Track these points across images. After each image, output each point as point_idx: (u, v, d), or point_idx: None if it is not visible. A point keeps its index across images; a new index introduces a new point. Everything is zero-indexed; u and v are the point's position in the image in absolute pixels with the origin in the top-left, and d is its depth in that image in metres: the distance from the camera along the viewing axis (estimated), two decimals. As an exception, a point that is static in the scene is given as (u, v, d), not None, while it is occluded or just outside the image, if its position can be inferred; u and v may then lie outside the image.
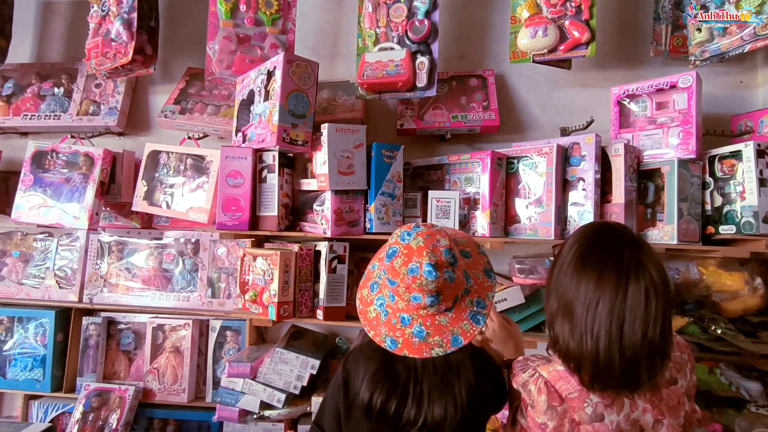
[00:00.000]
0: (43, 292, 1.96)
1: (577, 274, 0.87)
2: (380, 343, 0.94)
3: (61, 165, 1.87)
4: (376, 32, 1.68)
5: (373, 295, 0.99)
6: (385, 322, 0.94)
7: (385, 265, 0.92)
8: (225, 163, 1.59)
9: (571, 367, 0.87)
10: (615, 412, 0.86)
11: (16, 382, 1.91)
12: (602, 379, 0.84)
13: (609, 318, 0.81)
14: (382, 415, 0.94)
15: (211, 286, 1.87)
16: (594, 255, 0.87)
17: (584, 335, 0.83)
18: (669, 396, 0.89)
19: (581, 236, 0.92)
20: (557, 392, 0.88)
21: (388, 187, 1.54)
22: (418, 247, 0.90)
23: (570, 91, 1.82)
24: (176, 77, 2.00)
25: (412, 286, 0.88)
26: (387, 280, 0.92)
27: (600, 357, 0.82)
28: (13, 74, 2.08)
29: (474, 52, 1.89)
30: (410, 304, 0.91)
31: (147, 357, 1.87)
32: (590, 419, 0.86)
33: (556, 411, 0.88)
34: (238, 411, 1.60)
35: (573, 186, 1.50)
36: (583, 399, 0.87)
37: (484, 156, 1.52)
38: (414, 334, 0.92)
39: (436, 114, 1.76)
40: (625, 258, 0.84)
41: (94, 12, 1.84)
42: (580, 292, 0.85)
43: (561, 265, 0.91)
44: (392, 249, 0.92)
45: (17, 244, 2.04)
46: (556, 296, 0.90)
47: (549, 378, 0.90)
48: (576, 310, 0.85)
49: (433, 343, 0.92)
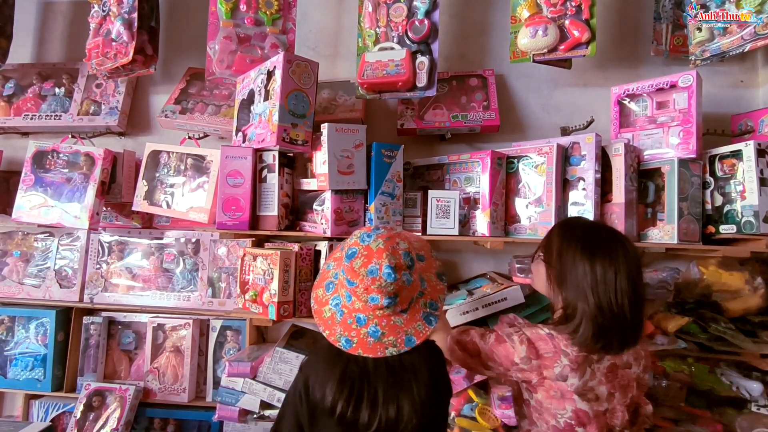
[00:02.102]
0: (43, 291, 1.96)
1: (589, 261, 1.01)
2: (335, 343, 0.95)
3: (61, 165, 1.87)
4: (376, 32, 1.68)
5: (329, 295, 1.01)
6: (340, 321, 0.96)
7: (344, 266, 0.93)
8: (225, 162, 1.59)
9: (596, 338, 1.00)
10: (577, 377, 1.01)
11: (17, 381, 1.91)
12: (631, 336, 1.01)
13: (628, 284, 0.98)
14: (347, 419, 0.93)
15: (212, 285, 1.87)
16: (595, 241, 1.04)
17: (612, 307, 0.98)
18: (622, 376, 1.05)
19: (566, 234, 1.09)
20: (536, 349, 1.04)
21: (388, 187, 1.54)
22: (378, 249, 0.93)
23: (570, 90, 1.82)
24: (177, 77, 2.00)
25: (371, 287, 0.91)
26: (346, 280, 0.93)
27: (627, 319, 0.98)
28: (14, 74, 2.08)
29: (474, 52, 1.89)
30: (367, 305, 0.93)
31: (147, 357, 1.87)
32: (555, 377, 1.02)
33: (530, 362, 1.04)
34: (239, 410, 1.60)
35: (573, 186, 1.50)
36: (554, 360, 1.02)
37: (484, 156, 1.52)
38: (369, 334, 0.94)
39: (436, 114, 1.76)
40: (614, 234, 1.07)
41: (95, 12, 1.85)
42: (597, 274, 0.99)
43: (563, 262, 1.05)
44: (352, 250, 0.94)
45: (18, 243, 2.04)
46: (570, 287, 1.03)
47: (531, 337, 1.06)
48: (598, 289, 0.99)
49: (387, 342, 0.94)
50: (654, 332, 1.48)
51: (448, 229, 1.52)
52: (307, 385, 0.98)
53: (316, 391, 0.95)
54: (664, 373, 1.48)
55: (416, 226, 1.58)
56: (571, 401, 1.02)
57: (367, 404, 0.92)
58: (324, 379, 0.95)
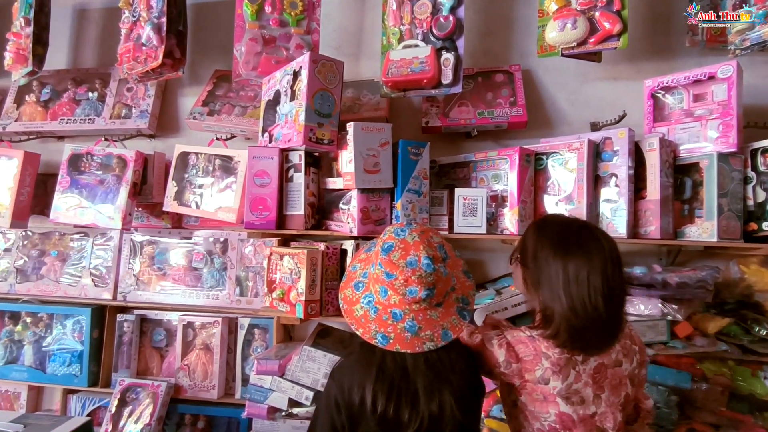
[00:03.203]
0: (79, 290, 2.03)
1: (561, 261, 0.97)
2: (370, 340, 0.94)
3: (95, 167, 1.93)
4: (400, 30, 1.67)
5: (359, 294, 1.00)
6: (374, 318, 0.96)
7: (382, 259, 0.94)
8: (252, 163, 1.61)
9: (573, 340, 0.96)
10: (560, 380, 0.97)
11: (55, 376, 1.98)
12: (608, 335, 0.98)
13: (602, 284, 0.93)
14: (389, 418, 0.92)
15: (239, 284, 1.90)
16: (567, 239, 0.99)
17: (586, 308, 0.93)
18: (612, 375, 1.01)
19: (541, 233, 1.04)
20: (516, 353, 1.01)
21: (414, 185, 1.53)
22: (414, 242, 0.95)
23: (600, 84, 1.77)
24: (204, 79, 2.04)
25: (411, 278, 0.92)
26: (384, 273, 0.93)
27: (603, 318, 0.94)
28: (51, 80, 2.16)
29: (500, 48, 1.86)
30: (405, 298, 0.93)
31: (178, 354, 1.91)
32: (536, 381, 0.99)
33: (510, 365, 1.01)
34: (267, 408, 1.61)
35: (605, 182, 1.46)
36: (535, 363, 0.99)
37: (511, 152, 1.49)
38: (406, 329, 0.94)
39: (461, 111, 1.74)
40: (588, 230, 1.01)
41: (126, 18, 1.89)
42: (570, 273, 0.95)
43: (538, 263, 1.01)
44: (388, 244, 0.95)
45: (55, 243, 2.12)
46: (545, 289, 0.99)
47: (511, 341, 1.03)
48: (571, 290, 0.94)
49: (424, 337, 0.94)
50: (693, 334, 1.42)
51: (475, 228, 1.50)
52: (342, 390, 0.96)
53: (353, 394, 0.94)
54: (704, 376, 1.42)
55: (443, 224, 1.57)
56: (555, 404, 0.99)
57: (408, 401, 0.92)
58: (361, 381, 0.94)
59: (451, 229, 1.55)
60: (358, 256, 1.09)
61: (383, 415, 0.91)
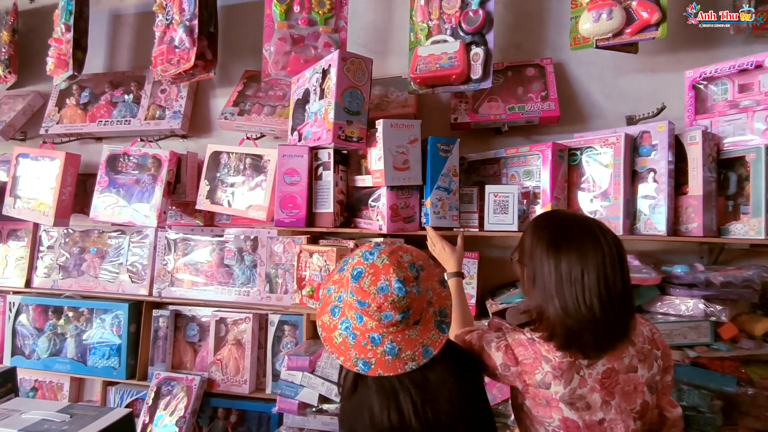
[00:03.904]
0: (117, 286, 2.10)
1: (554, 259, 0.92)
2: (351, 368, 0.92)
3: (132, 167, 1.99)
4: (428, 25, 1.66)
5: (336, 320, 0.97)
6: (354, 345, 0.93)
7: (352, 287, 0.91)
8: (282, 161, 1.63)
9: (568, 343, 0.91)
10: (561, 384, 0.93)
11: (95, 369, 2.07)
12: (605, 340, 0.91)
13: (597, 283, 0.88)
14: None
15: (269, 281, 1.93)
16: (562, 236, 0.94)
17: (578, 309, 0.88)
18: (625, 381, 0.94)
19: (537, 229, 0.99)
20: (515, 356, 0.98)
21: (443, 182, 1.51)
22: (384, 265, 0.91)
23: (637, 76, 1.71)
24: (234, 80, 2.07)
25: (384, 304, 0.88)
26: (356, 301, 0.90)
27: (598, 321, 0.88)
28: (89, 84, 2.24)
29: (531, 41, 1.82)
30: (381, 323, 0.90)
31: (211, 349, 1.96)
32: (537, 385, 0.95)
33: (509, 369, 0.98)
34: (298, 403, 1.63)
35: (643, 178, 1.41)
36: (535, 366, 0.95)
37: (544, 148, 1.46)
38: (386, 352, 0.91)
39: (491, 106, 1.71)
40: (589, 227, 0.94)
41: (159, 21, 1.94)
42: (562, 272, 0.90)
43: (533, 262, 0.96)
44: (357, 270, 0.92)
45: (94, 241, 2.20)
46: (539, 289, 0.94)
47: (511, 343, 0.99)
48: (563, 290, 0.90)
49: (406, 357, 0.92)
50: (738, 336, 1.36)
51: (506, 225, 1.47)
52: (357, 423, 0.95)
53: (375, 422, 0.92)
54: (750, 380, 1.36)
55: (473, 222, 1.55)
56: (558, 410, 0.94)
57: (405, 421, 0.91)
58: (369, 412, 0.93)
59: (482, 227, 1.53)
60: (332, 277, 1.05)
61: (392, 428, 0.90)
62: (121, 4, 2.32)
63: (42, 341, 2.15)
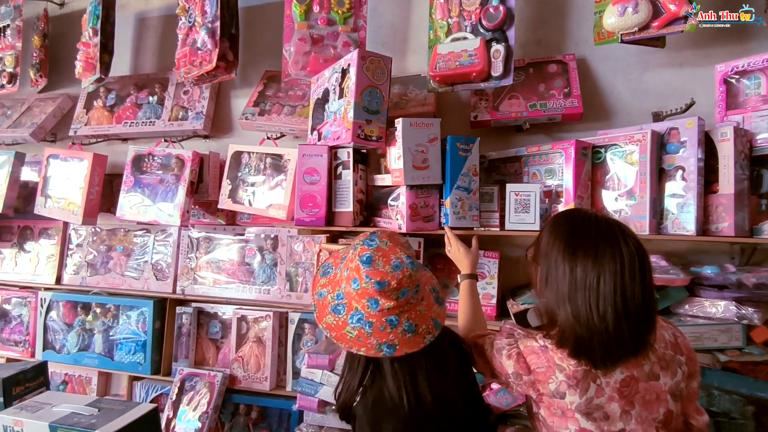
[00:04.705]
0: (142, 283, 2.15)
1: (569, 262, 0.89)
2: (376, 354, 0.96)
3: (156, 167, 2.04)
4: (448, 23, 1.65)
5: (343, 317, 0.99)
6: (372, 333, 0.96)
7: (366, 272, 0.95)
8: (302, 161, 1.64)
9: (578, 351, 0.88)
10: (577, 394, 0.89)
11: (122, 364, 2.12)
12: (615, 352, 0.86)
13: (613, 292, 0.84)
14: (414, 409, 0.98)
15: (289, 280, 1.94)
16: (580, 238, 0.90)
17: (590, 317, 0.85)
18: (646, 390, 0.90)
19: (555, 228, 0.96)
20: (527, 364, 0.95)
21: (463, 181, 1.50)
22: (389, 247, 0.99)
23: (663, 71, 1.66)
24: (255, 81, 2.10)
25: (403, 279, 0.94)
26: (374, 284, 0.94)
27: (610, 332, 0.84)
28: (115, 86, 2.30)
29: (553, 37, 1.78)
30: (399, 301, 0.96)
31: (232, 346, 1.99)
32: (552, 394, 0.92)
33: (522, 378, 0.96)
34: (317, 401, 1.64)
35: (670, 176, 1.36)
36: (549, 375, 0.92)
37: (567, 146, 1.43)
38: (406, 331, 0.97)
39: (512, 104, 1.69)
40: (610, 230, 0.89)
41: (182, 24, 1.98)
42: (577, 277, 0.87)
43: (548, 262, 0.93)
44: (366, 256, 0.96)
45: (121, 239, 2.26)
46: (551, 291, 0.92)
47: (523, 350, 0.97)
48: (576, 296, 0.87)
49: (423, 332, 0.99)
50: (772, 340, 1.31)
51: (528, 225, 1.45)
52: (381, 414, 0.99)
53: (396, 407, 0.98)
54: (786, 387, 1.31)
55: (493, 221, 1.53)
56: (574, 420, 0.90)
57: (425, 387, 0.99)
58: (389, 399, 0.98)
59: (502, 226, 1.51)
60: (318, 282, 1.08)
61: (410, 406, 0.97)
62: (145, 8, 2.37)
63: (71, 336, 2.22)
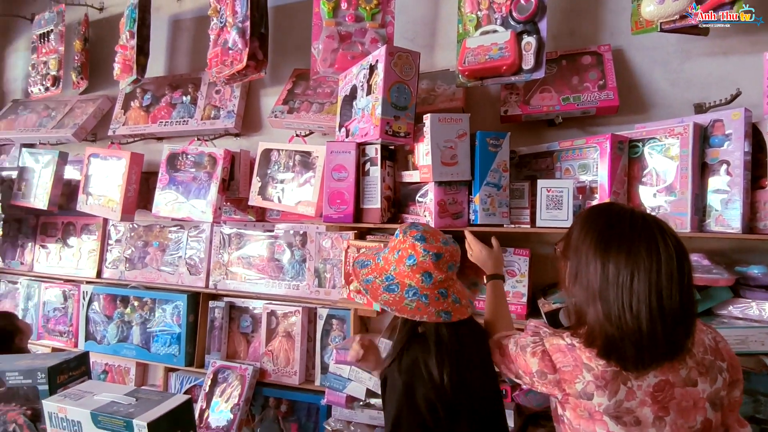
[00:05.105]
0: (177, 277, 2.22)
1: (601, 258, 0.85)
2: (437, 320, 1.05)
3: (189, 165, 2.09)
4: (477, 16, 1.62)
5: (398, 293, 1.09)
6: (429, 303, 1.06)
7: (425, 246, 1.07)
8: (330, 157, 1.65)
9: (607, 352, 0.85)
10: (606, 396, 0.85)
11: (158, 355, 2.20)
12: (648, 354, 0.83)
13: (647, 291, 0.80)
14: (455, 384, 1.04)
15: (318, 276, 1.96)
16: (614, 234, 0.87)
17: (622, 316, 0.82)
18: (683, 396, 0.86)
19: (587, 222, 0.92)
20: (552, 362, 0.92)
21: (493, 177, 1.47)
22: (432, 230, 1.13)
23: (706, 61, 1.58)
24: (284, 79, 2.12)
25: (454, 253, 1.10)
26: (432, 256, 1.06)
27: (643, 333, 0.81)
28: (151, 87, 2.37)
29: (587, 27, 1.72)
30: (448, 273, 1.09)
31: (263, 340, 2.03)
32: (578, 395, 0.88)
33: (546, 377, 0.93)
34: (346, 397, 1.66)
35: (714, 170, 1.30)
36: (575, 375, 0.88)
37: (602, 140, 1.38)
38: (454, 302, 1.09)
39: (544, 97, 1.64)
40: (647, 226, 0.85)
41: (214, 24, 2.02)
42: (609, 274, 0.84)
43: (578, 257, 0.90)
44: (419, 235, 1.10)
45: (156, 235, 2.34)
46: (581, 288, 0.89)
47: (549, 348, 0.94)
48: (608, 293, 0.84)
49: (465, 304, 1.11)
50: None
51: (560, 221, 1.41)
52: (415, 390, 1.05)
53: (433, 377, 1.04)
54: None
55: (524, 218, 1.50)
56: (602, 423, 0.86)
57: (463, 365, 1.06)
58: (429, 365, 1.05)
59: (533, 223, 1.48)
60: (361, 273, 1.19)
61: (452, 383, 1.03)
62: (179, 10, 2.44)
63: (111, 328, 2.31)
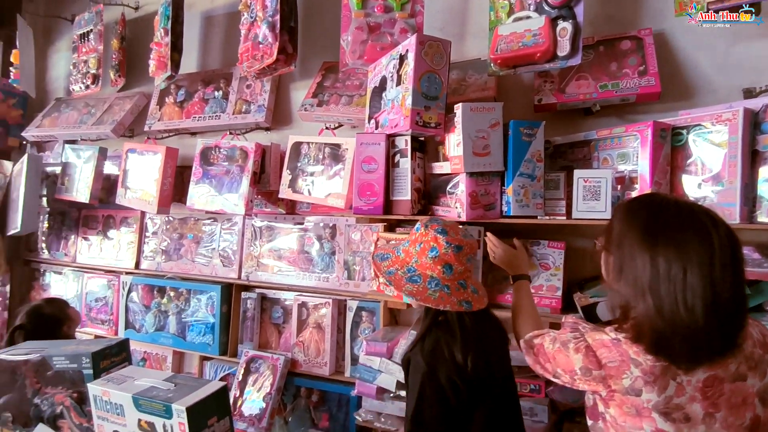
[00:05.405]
0: (211, 269, 2.28)
1: (648, 251, 0.82)
2: (459, 309, 1.11)
3: (222, 159, 2.13)
4: (510, 2, 1.57)
5: (421, 284, 1.13)
6: (450, 293, 1.11)
7: (447, 239, 1.13)
8: (360, 149, 1.64)
9: (657, 347, 0.82)
10: (655, 392, 0.82)
11: (193, 344, 2.27)
12: (702, 349, 0.80)
13: (702, 284, 0.77)
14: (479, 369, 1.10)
15: (347, 268, 1.97)
16: (660, 225, 0.84)
17: (676, 311, 0.79)
18: (732, 392, 0.83)
19: (629, 215, 0.89)
20: (597, 358, 0.88)
21: (527, 168, 1.44)
22: (452, 224, 1.18)
23: (757, 43, 1.48)
24: (313, 72, 2.13)
25: (473, 245, 1.17)
26: (453, 249, 1.12)
27: (699, 328, 0.78)
28: (184, 82, 2.43)
29: (625, 11, 1.65)
30: (466, 265, 1.15)
31: (293, 331, 2.06)
32: (625, 391, 0.84)
33: (591, 373, 0.88)
34: (376, 388, 1.66)
35: (766, 158, 1.22)
36: (623, 370, 0.85)
37: (643, 128, 1.32)
38: (473, 292, 1.15)
39: (580, 85, 1.59)
40: (695, 216, 0.82)
41: (245, 19, 2.04)
42: (660, 267, 0.80)
43: (622, 251, 0.87)
44: (441, 228, 1.15)
45: (191, 228, 2.40)
46: (627, 283, 0.85)
47: (592, 344, 0.90)
48: (659, 288, 0.80)
49: (482, 294, 1.17)
50: None
51: (598, 213, 1.36)
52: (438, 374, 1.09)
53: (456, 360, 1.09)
54: None
55: (560, 209, 1.45)
56: (650, 420, 0.83)
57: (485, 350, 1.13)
58: (453, 349, 1.09)
59: (569, 215, 1.44)
60: (383, 265, 1.23)
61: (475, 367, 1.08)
62: (211, 6, 2.48)
63: (149, 317, 2.40)
